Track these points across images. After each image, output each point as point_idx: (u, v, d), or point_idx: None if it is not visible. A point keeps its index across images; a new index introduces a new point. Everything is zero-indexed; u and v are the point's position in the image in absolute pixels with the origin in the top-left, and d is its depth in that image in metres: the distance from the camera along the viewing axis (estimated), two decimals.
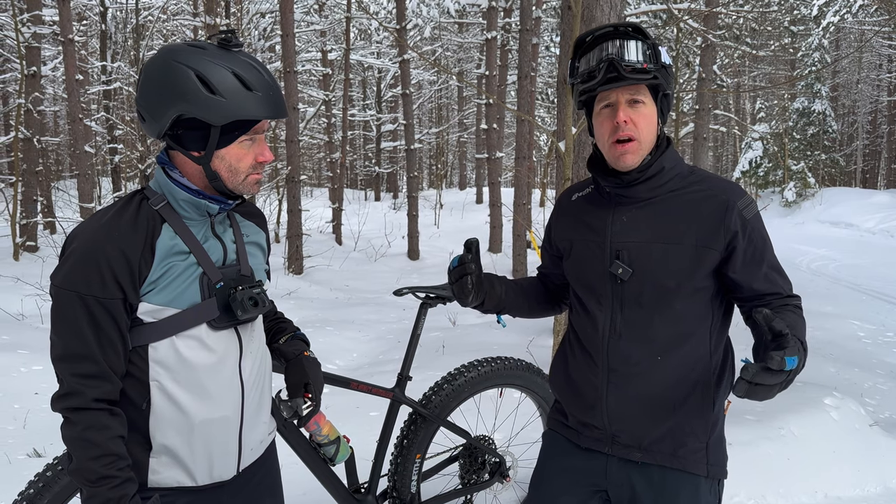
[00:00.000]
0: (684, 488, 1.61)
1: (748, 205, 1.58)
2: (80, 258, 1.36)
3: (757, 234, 1.57)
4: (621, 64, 1.50)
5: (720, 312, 1.65)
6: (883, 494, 3.32)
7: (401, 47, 14.48)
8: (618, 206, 1.64)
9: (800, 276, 11.19)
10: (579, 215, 1.74)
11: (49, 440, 3.66)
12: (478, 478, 2.80)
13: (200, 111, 1.37)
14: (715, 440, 1.64)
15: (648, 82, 1.54)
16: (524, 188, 11.34)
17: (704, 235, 1.55)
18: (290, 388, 1.75)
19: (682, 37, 12.21)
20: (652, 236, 1.58)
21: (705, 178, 1.63)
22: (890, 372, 5.61)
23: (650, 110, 1.57)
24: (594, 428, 1.69)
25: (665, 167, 1.60)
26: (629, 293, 1.60)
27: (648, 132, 1.57)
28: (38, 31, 11.31)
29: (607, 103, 1.58)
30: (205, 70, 1.37)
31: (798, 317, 1.55)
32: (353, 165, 35.46)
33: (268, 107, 1.42)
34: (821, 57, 24.16)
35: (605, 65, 1.51)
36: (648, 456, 1.62)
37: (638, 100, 1.55)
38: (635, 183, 1.60)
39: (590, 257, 1.66)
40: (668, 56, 1.56)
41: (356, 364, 5.73)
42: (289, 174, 10.69)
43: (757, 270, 1.58)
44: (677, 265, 1.56)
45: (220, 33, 1.44)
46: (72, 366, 1.37)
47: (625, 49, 1.51)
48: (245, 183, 1.49)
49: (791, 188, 21.17)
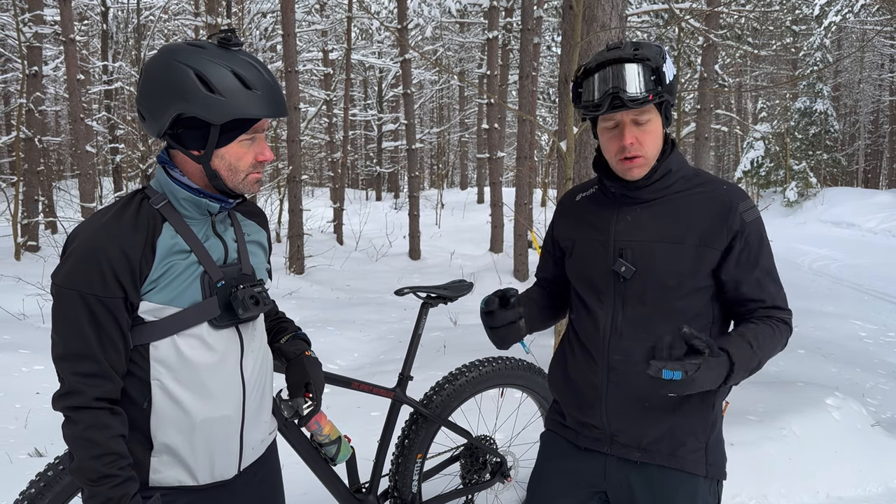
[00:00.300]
0: (682, 488, 1.61)
1: (750, 208, 1.59)
2: (82, 257, 1.36)
3: (754, 237, 1.58)
4: (625, 97, 1.48)
5: (720, 313, 1.65)
6: (885, 494, 3.32)
7: (402, 47, 14.48)
8: (622, 205, 1.65)
9: (801, 276, 11.18)
10: (583, 215, 1.74)
11: (50, 440, 3.66)
12: (479, 478, 2.80)
13: (200, 110, 1.37)
14: (714, 440, 1.64)
15: (654, 103, 1.53)
16: (525, 188, 11.34)
17: (707, 236, 1.56)
18: (291, 388, 1.75)
19: (683, 36, 12.19)
20: (655, 235, 1.59)
21: (709, 181, 1.65)
22: (892, 372, 5.60)
23: (656, 125, 1.57)
24: (593, 427, 1.68)
25: (672, 169, 1.62)
26: (631, 291, 1.60)
27: (655, 146, 1.58)
28: (40, 30, 11.31)
29: (613, 123, 1.57)
30: (204, 69, 1.37)
31: (771, 331, 1.57)
32: (355, 165, 35.46)
33: (267, 105, 1.42)
34: (822, 56, 24.14)
35: (609, 98, 1.50)
36: (647, 456, 1.62)
37: (643, 119, 1.54)
38: (642, 187, 1.61)
39: (593, 255, 1.66)
40: (672, 70, 1.54)
41: (357, 364, 5.73)
42: (290, 174, 10.69)
43: (748, 273, 1.58)
44: (680, 264, 1.57)
45: (219, 33, 1.43)
46: (73, 365, 1.37)
47: (627, 79, 1.48)
48: (245, 182, 1.49)
49: (793, 188, 21.16)
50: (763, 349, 1.53)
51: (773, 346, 1.57)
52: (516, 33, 15.98)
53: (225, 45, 1.43)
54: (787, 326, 1.61)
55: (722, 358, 1.44)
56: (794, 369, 5.20)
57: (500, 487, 2.91)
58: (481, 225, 16.72)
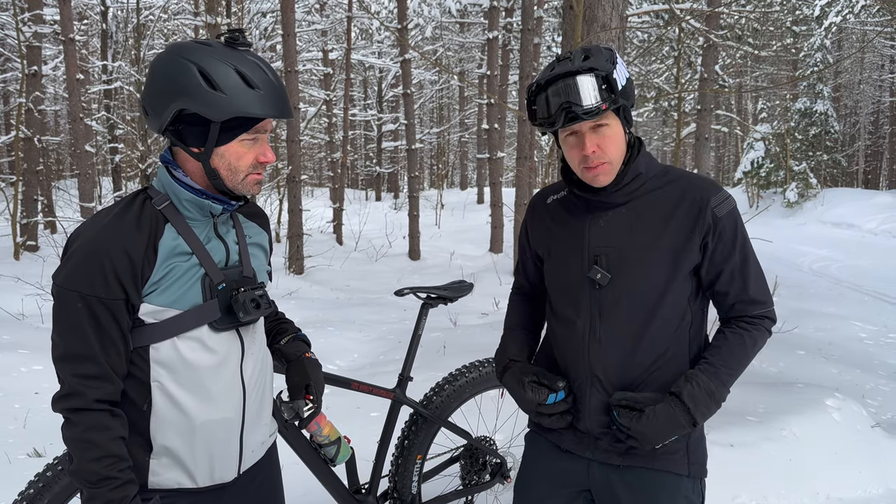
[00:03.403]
0: (665, 488, 1.61)
1: (722, 201, 1.57)
2: (83, 258, 1.35)
3: (728, 231, 1.57)
4: (579, 110, 1.47)
5: (699, 313, 1.65)
6: (885, 496, 3.31)
7: (402, 47, 14.47)
8: (595, 209, 1.64)
9: (802, 276, 11.18)
10: (556, 220, 1.73)
11: (49, 440, 3.65)
12: (479, 479, 2.79)
13: (201, 106, 1.36)
14: (695, 440, 1.65)
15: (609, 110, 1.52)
16: (525, 188, 11.33)
17: (681, 239, 1.56)
18: (291, 390, 1.74)
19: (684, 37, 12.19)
20: (630, 241, 1.58)
21: (679, 178, 1.63)
22: (892, 373, 5.60)
23: (616, 129, 1.55)
24: (576, 432, 1.69)
25: (640, 172, 1.61)
26: (608, 299, 1.60)
27: (618, 150, 1.56)
28: (39, 30, 11.31)
29: (571, 132, 1.56)
30: (207, 66, 1.36)
31: (741, 342, 1.58)
32: (354, 165, 35.47)
33: (270, 106, 1.41)
34: (823, 57, 24.14)
35: (563, 113, 1.49)
36: (629, 459, 1.62)
37: (602, 124, 1.53)
38: (611, 192, 1.60)
39: (567, 263, 1.66)
40: (624, 73, 1.53)
41: (357, 364, 5.72)
42: (290, 174, 10.68)
43: (723, 267, 1.58)
44: (655, 270, 1.57)
45: (227, 32, 1.43)
46: (73, 366, 1.36)
47: (579, 92, 1.47)
48: (244, 182, 1.48)
49: (793, 189, 21.16)
50: (733, 366, 1.56)
51: (747, 355, 1.59)
52: (516, 33, 15.97)
53: (232, 44, 1.42)
54: (760, 325, 1.61)
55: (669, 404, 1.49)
56: (795, 370, 5.20)
57: (499, 488, 2.91)
58: (481, 225, 16.72)
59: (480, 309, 7.97)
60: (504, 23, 15.91)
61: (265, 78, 1.41)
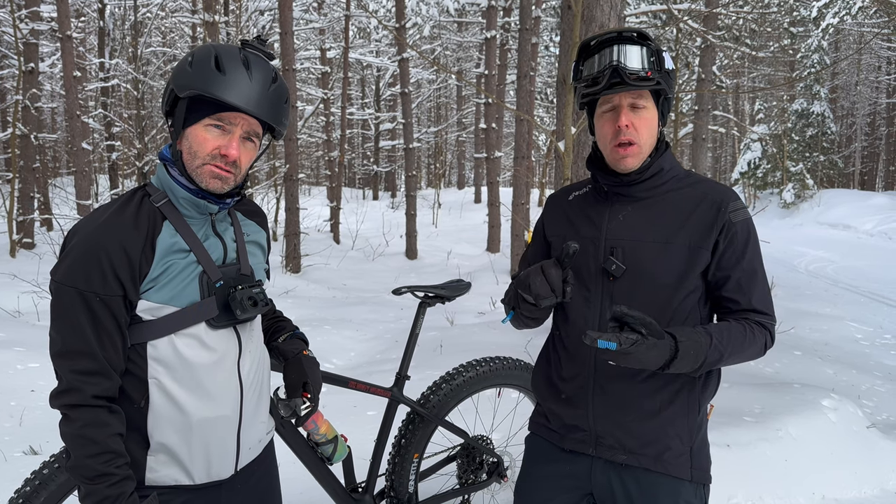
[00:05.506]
0: (666, 492, 1.60)
1: (739, 209, 1.59)
2: (81, 254, 1.35)
3: (741, 237, 1.58)
4: (625, 71, 1.51)
5: (708, 314, 1.65)
6: (880, 496, 3.32)
7: (400, 46, 14.47)
8: (615, 203, 1.66)
9: (798, 277, 11.21)
10: (575, 212, 1.74)
11: (45, 437, 3.65)
12: (475, 478, 2.79)
13: (173, 79, 1.43)
14: (699, 444, 1.64)
15: (651, 88, 1.55)
16: (523, 188, 11.35)
17: (697, 237, 1.57)
18: (288, 388, 1.74)
19: (681, 37, 12.21)
20: (647, 235, 1.60)
21: (701, 181, 1.65)
22: (888, 374, 5.61)
23: (652, 114, 1.59)
24: (579, 430, 1.68)
25: (664, 168, 1.63)
26: (620, 290, 1.60)
27: (649, 136, 1.59)
28: (36, 27, 11.28)
29: (610, 106, 1.59)
30: (202, 49, 1.44)
31: (742, 331, 1.54)
32: (352, 164, 35.45)
33: (235, 94, 1.38)
34: (820, 58, 24.19)
35: (609, 71, 1.53)
36: (633, 458, 1.62)
37: (640, 104, 1.57)
38: (634, 183, 1.62)
39: (583, 252, 1.66)
40: (671, 61, 1.58)
41: (354, 363, 5.72)
42: (287, 172, 10.67)
43: (730, 273, 1.58)
44: (670, 265, 1.57)
45: (256, 37, 1.50)
46: (71, 362, 1.36)
47: (629, 56, 1.52)
48: (201, 170, 1.44)
49: (789, 189, 21.22)
50: (727, 345, 1.51)
51: (744, 346, 1.54)
52: (514, 33, 15.99)
53: (245, 41, 1.47)
54: (764, 330, 1.59)
55: (665, 340, 1.43)
56: (791, 371, 5.21)
57: (496, 487, 2.91)
58: (478, 225, 16.75)
59: (477, 308, 7.98)
60: (502, 22, 15.93)
61: (239, 68, 1.41)
